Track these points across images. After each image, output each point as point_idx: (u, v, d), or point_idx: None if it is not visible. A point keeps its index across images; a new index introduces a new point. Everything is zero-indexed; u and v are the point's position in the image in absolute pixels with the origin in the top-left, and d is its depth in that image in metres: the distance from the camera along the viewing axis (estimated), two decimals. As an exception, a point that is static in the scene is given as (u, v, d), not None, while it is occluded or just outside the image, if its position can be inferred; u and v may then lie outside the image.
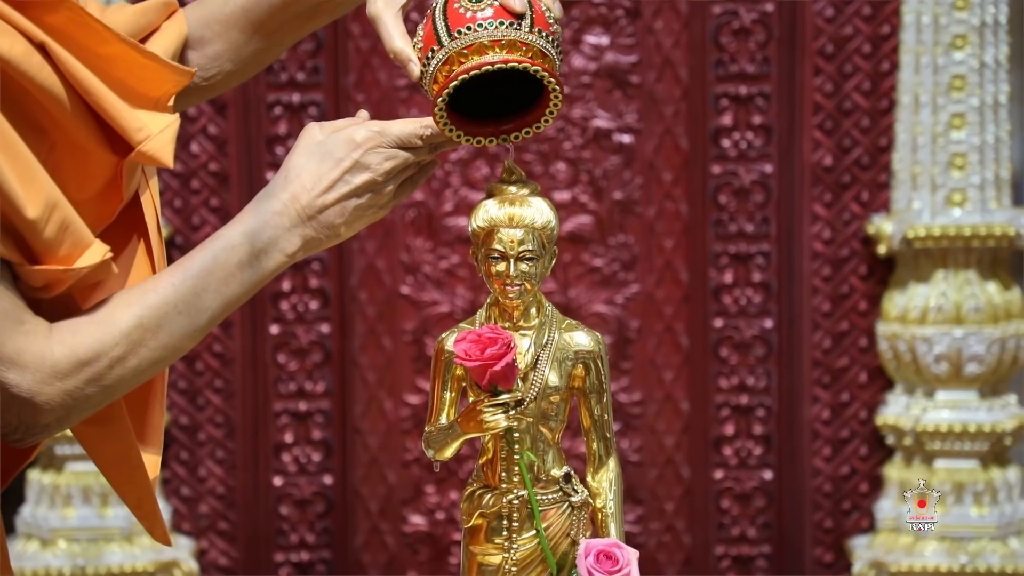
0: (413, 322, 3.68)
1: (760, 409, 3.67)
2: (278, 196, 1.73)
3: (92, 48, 1.70)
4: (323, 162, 1.73)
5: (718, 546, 3.69)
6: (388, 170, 1.75)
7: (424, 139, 1.76)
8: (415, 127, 1.75)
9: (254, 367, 3.68)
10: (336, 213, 1.74)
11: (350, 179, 1.73)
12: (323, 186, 1.73)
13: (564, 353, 2.03)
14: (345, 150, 1.74)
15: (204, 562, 3.68)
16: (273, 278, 1.76)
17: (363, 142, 1.74)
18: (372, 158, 1.74)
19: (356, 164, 1.74)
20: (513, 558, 2.00)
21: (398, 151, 1.75)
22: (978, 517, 3.55)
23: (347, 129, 1.75)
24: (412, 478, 3.70)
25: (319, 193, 1.73)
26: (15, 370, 1.61)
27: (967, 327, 3.52)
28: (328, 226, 1.74)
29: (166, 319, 1.69)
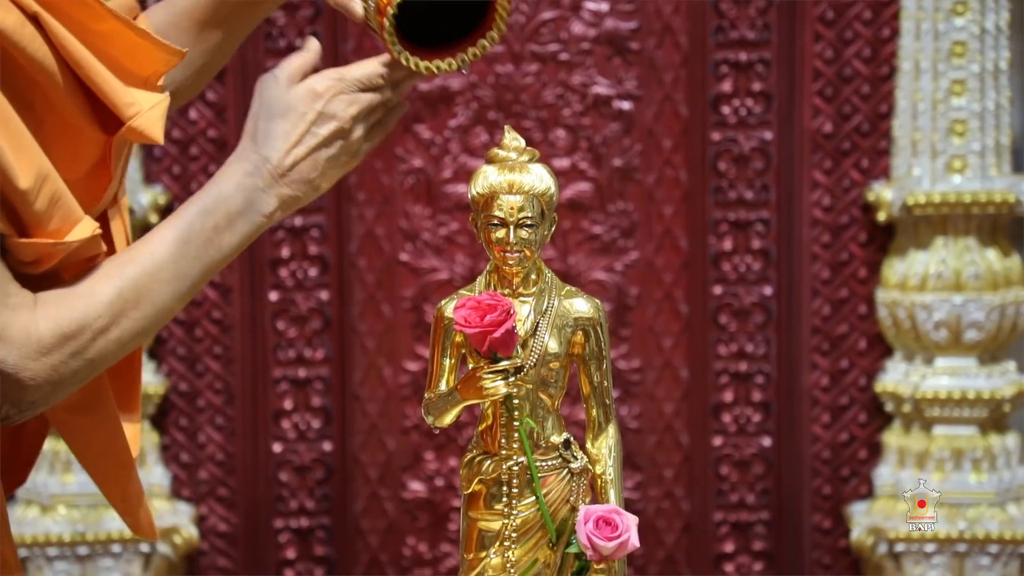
0: (412, 289, 3.68)
1: (759, 376, 3.68)
2: (248, 158, 1.72)
3: (85, 23, 1.69)
4: (287, 118, 1.72)
5: (717, 512, 3.70)
6: (354, 115, 1.73)
7: (385, 77, 1.75)
8: (374, 66, 1.74)
9: (253, 334, 3.68)
10: (309, 167, 1.73)
11: (317, 131, 1.72)
12: (291, 142, 1.72)
13: (564, 320, 2.03)
14: (308, 103, 1.73)
15: (204, 528, 3.69)
16: (254, 239, 1.75)
17: (324, 91, 1.73)
18: (336, 106, 1.73)
19: (320, 115, 1.72)
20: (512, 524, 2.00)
21: (360, 94, 1.74)
22: (977, 484, 3.56)
23: (307, 81, 1.74)
24: (411, 445, 3.70)
25: (288, 149, 1.72)
26: (1, 346, 1.60)
27: (967, 294, 3.52)
28: (303, 181, 1.73)
29: (147, 289, 1.68)
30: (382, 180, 3.67)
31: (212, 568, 3.70)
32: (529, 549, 2.01)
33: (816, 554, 3.69)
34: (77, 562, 3.59)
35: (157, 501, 3.63)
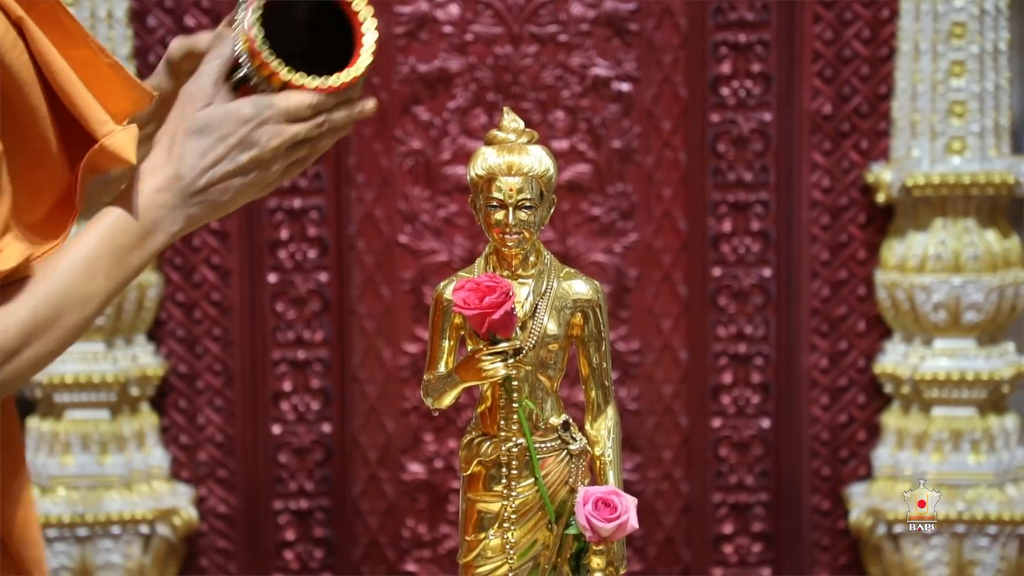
0: (411, 271, 3.68)
1: (758, 358, 3.68)
2: (161, 172, 1.65)
3: (61, 44, 1.66)
4: (206, 137, 1.66)
5: (716, 494, 3.70)
6: (276, 147, 1.67)
7: (312, 107, 1.69)
8: (302, 97, 1.68)
9: (252, 316, 3.68)
10: (220, 191, 1.67)
11: (236, 157, 1.66)
12: (207, 163, 1.66)
13: (563, 301, 2.03)
14: (231, 126, 1.66)
15: (203, 509, 3.70)
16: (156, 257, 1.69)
17: (251, 118, 1.66)
18: (259, 135, 1.67)
19: (243, 141, 1.66)
20: (512, 506, 2.00)
21: (287, 126, 1.68)
22: (975, 465, 3.56)
23: (235, 103, 1.67)
24: (410, 426, 3.70)
25: (203, 170, 1.65)
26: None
27: (966, 275, 3.52)
28: (212, 203, 1.67)
29: (58, 308, 1.63)
30: (381, 162, 3.67)
31: (212, 549, 3.71)
32: (528, 530, 2.02)
33: (815, 535, 3.69)
34: (76, 543, 3.59)
35: (157, 483, 3.63)
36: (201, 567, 3.71)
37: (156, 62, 3.60)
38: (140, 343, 3.66)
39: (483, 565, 2.02)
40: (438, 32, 3.65)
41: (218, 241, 3.63)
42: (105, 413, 3.61)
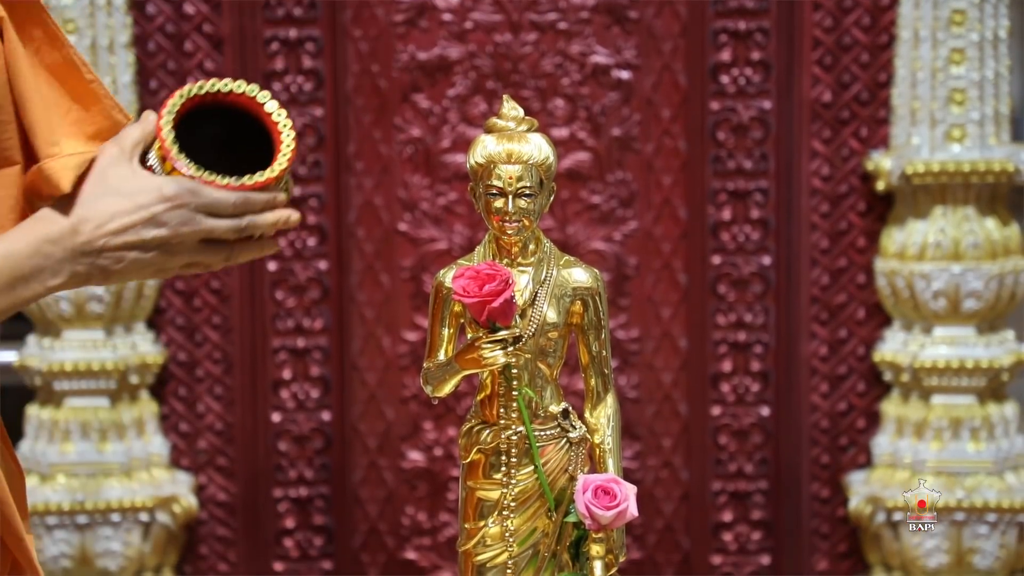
0: (411, 259, 3.68)
1: (758, 346, 3.68)
2: (57, 222, 1.56)
3: (39, 52, 1.63)
4: (120, 201, 1.57)
5: (715, 482, 3.71)
6: (185, 234, 1.57)
7: (235, 205, 1.58)
8: (227, 194, 1.57)
9: (252, 303, 3.68)
10: (114, 259, 1.57)
11: (142, 231, 1.57)
12: (111, 228, 1.56)
13: (562, 289, 2.03)
14: (147, 199, 1.56)
15: (203, 497, 3.70)
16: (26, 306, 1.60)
17: (171, 197, 1.56)
18: (172, 217, 1.57)
19: (154, 218, 1.56)
20: (511, 493, 2.00)
21: (203, 218, 1.57)
22: (975, 452, 3.56)
23: (160, 178, 1.57)
24: (410, 414, 3.71)
25: (104, 234, 1.56)
26: None
27: (965, 263, 3.52)
28: (101, 268, 1.57)
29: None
30: (380, 150, 3.67)
31: (211, 537, 3.71)
32: (528, 518, 2.02)
33: (814, 523, 3.70)
34: (76, 531, 3.59)
35: (156, 470, 3.63)
36: (201, 555, 3.71)
37: (155, 49, 3.60)
38: (140, 331, 3.66)
39: (483, 553, 2.02)
40: (438, 20, 3.65)
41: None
42: (105, 401, 3.62)
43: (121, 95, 3.51)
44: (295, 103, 3.63)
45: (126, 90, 3.53)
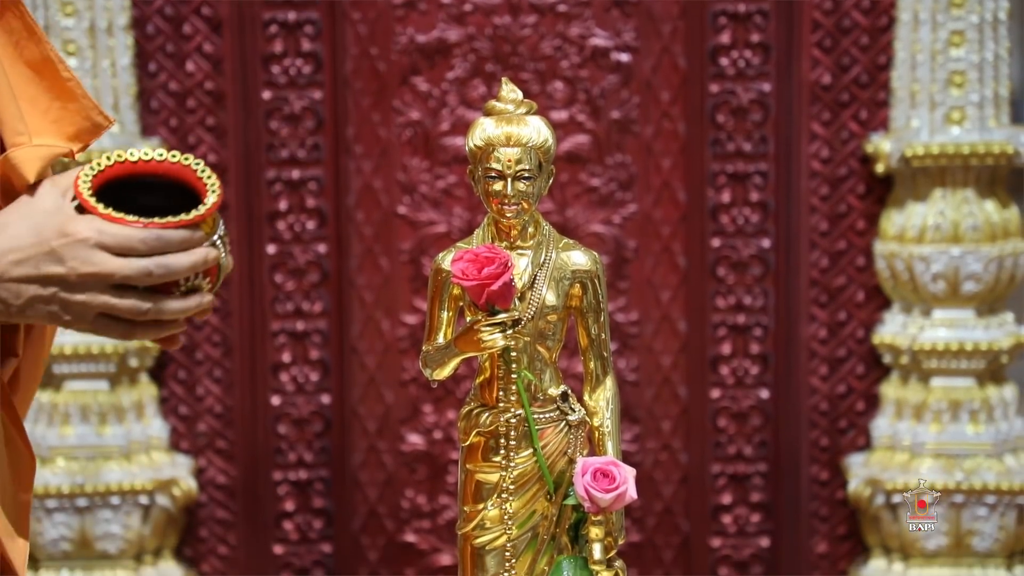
0: (410, 242, 3.68)
1: (757, 328, 3.68)
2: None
3: (16, 47, 1.62)
4: (29, 230, 1.51)
5: (715, 464, 3.71)
6: (83, 273, 1.49)
7: (144, 242, 1.49)
8: (132, 230, 1.49)
9: (251, 287, 3.67)
10: (12, 292, 1.51)
11: (40, 264, 1.50)
12: (12, 258, 1.51)
13: (561, 272, 2.03)
14: (52, 232, 1.50)
15: (202, 480, 3.70)
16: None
17: (72, 232, 1.49)
18: (73, 252, 1.50)
19: (52, 252, 1.50)
20: (510, 476, 2.00)
21: (105, 256, 1.49)
22: (974, 435, 3.56)
23: (70, 217, 1.51)
24: (409, 397, 3.71)
25: (4, 263, 1.51)
26: None
27: (965, 246, 3.51)
28: (2, 300, 1.52)
29: None
30: (379, 133, 3.66)
31: (211, 520, 3.71)
32: (527, 501, 2.02)
33: (813, 505, 3.70)
34: (76, 514, 3.60)
35: (156, 453, 3.64)
36: (201, 537, 3.71)
37: (154, 32, 3.59)
38: (139, 314, 3.65)
39: (482, 535, 2.03)
40: (436, 2, 3.64)
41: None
42: (104, 384, 3.62)
43: (120, 77, 3.51)
44: (294, 86, 3.62)
45: (125, 72, 3.52)
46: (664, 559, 3.71)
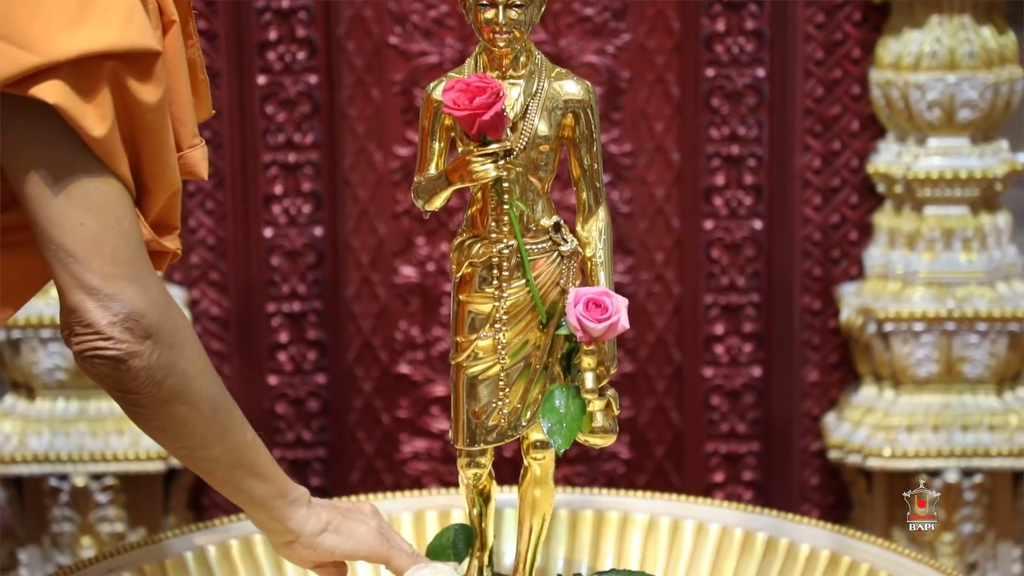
0: (402, 73, 3.65)
1: (751, 159, 3.66)
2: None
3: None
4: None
5: (707, 295, 3.72)
6: None
7: None
8: None
9: (242, 118, 3.65)
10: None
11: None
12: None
13: (554, 102, 2.01)
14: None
15: (196, 312, 3.71)
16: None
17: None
18: None
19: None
20: (503, 307, 2.01)
21: None
22: (967, 263, 3.57)
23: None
24: (402, 230, 3.71)
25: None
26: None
27: (960, 73, 3.49)
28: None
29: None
30: (369, -39, 3.61)
31: (206, 351, 3.73)
32: (519, 331, 2.03)
33: (806, 335, 3.72)
34: (72, 347, 3.61)
35: (150, 287, 3.64)
36: (196, 370, 3.73)
37: None
38: (129, 147, 3.64)
39: (475, 365, 2.04)
40: None
41: (206, 42, 3.59)
42: (96, 217, 3.61)
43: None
44: (281, -87, 3.57)
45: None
46: (656, 389, 3.74)
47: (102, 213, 1.70)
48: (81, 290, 1.71)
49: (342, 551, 2.04)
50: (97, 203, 1.70)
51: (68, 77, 1.64)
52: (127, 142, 1.73)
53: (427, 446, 3.75)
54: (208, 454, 1.89)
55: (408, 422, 3.75)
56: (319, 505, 2.03)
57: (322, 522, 2.01)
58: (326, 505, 2.04)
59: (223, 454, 1.89)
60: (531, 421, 2.06)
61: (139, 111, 1.72)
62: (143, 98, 1.71)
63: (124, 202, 1.73)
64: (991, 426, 3.54)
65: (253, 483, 1.94)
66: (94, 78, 1.66)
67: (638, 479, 3.73)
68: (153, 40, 1.70)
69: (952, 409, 3.57)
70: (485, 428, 2.06)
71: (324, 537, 2.01)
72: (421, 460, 3.75)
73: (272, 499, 1.96)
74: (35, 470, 3.55)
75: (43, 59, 1.62)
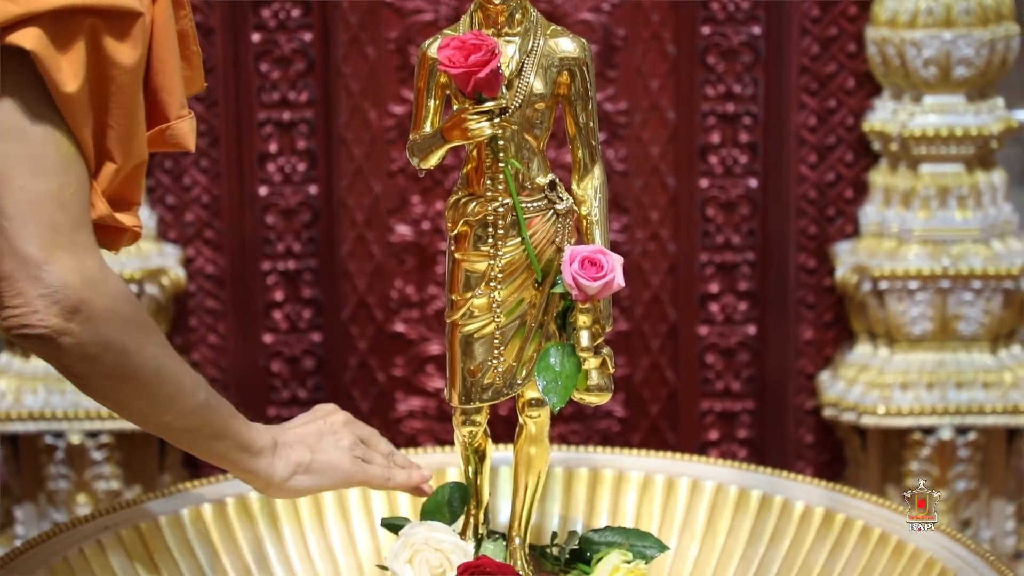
0: (397, 30, 3.64)
1: (746, 117, 3.66)
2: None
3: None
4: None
5: (702, 254, 3.72)
6: None
7: None
8: None
9: (236, 75, 3.64)
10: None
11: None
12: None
13: (549, 60, 2.01)
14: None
15: (191, 270, 3.71)
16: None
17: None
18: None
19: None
20: (498, 265, 2.01)
21: None
22: (962, 220, 3.57)
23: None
24: (397, 188, 3.70)
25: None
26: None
27: (957, 30, 3.48)
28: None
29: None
30: (364, -83, 3.60)
31: (201, 309, 3.73)
32: (515, 289, 2.03)
33: (800, 293, 3.72)
34: (67, 305, 3.60)
35: (144, 243, 3.63)
36: (191, 326, 3.74)
37: None
38: (123, 105, 3.63)
39: (470, 323, 2.04)
40: None
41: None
42: (90, 175, 3.60)
43: None
44: None
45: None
46: (651, 347, 3.75)
47: (47, 178, 1.67)
48: (13, 257, 1.66)
49: (318, 488, 2.07)
50: (45, 167, 1.66)
51: (47, 27, 1.62)
52: (95, 107, 1.70)
53: (422, 404, 3.75)
54: (159, 420, 1.88)
55: (403, 380, 3.75)
56: (287, 446, 2.03)
57: (291, 465, 2.02)
58: (295, 443, 2.04)
59: (174, 419, 1.88)
60: (526, 379, 2.07)
61: (114, 71, 1.69)
62: (119, 58, 1.69)
63: (74, 169, 1.70)
64: (985, 383, 3.55)
65: (210, 443, 1.95)
66: (72, 31, 1.64)
67: (633, 437, 3.74)
68: (135, 0, 1.69)
69: (946, 367, 3.58)
70: (480, 386, 2.06)
71: (296, 480, 2.02)
72: (416, 418, 3.75)
73: (233, 453, 1.96)
74: (31, 428, 3.56)
75: (24, 10, 1.61)
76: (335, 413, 2.14)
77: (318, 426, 2.11)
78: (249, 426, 1.99)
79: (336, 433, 2.10)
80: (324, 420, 2.12)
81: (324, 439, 2.08)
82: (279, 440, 2.03)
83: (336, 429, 2.11)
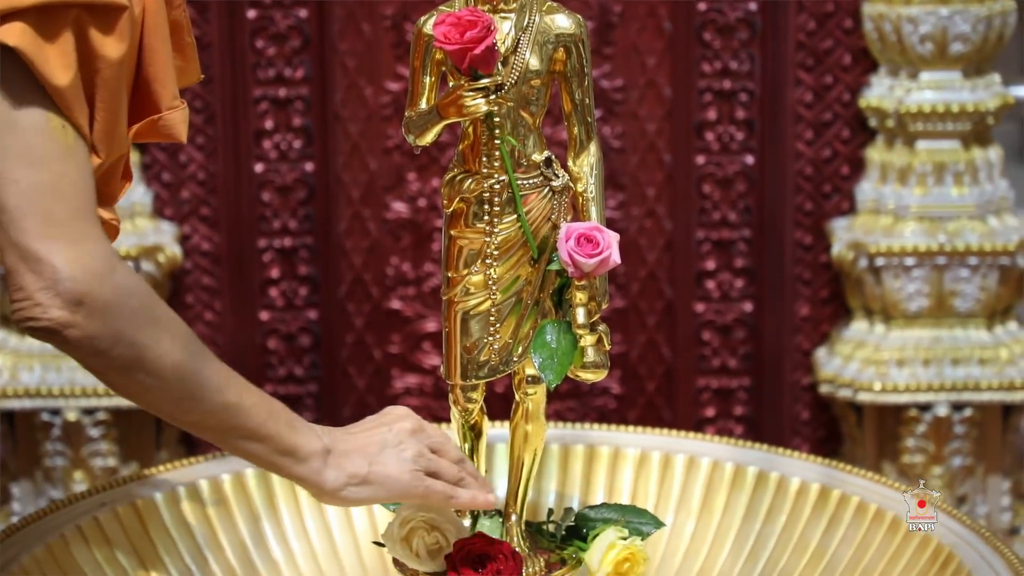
0: (392, 7, 3.63)
1: (743, 93, 3.65)
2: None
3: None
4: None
5: (698, 231, 3.72)
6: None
7: None
8: None
9: (232, 52, 3.63)
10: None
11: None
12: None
13: (545, 36, 2.00)
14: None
15: (187, 247, 3.71)
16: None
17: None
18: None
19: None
20: (494, 242, 2.01)
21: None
22: (958, 197, 3.57)
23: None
24: (394, 165, 3.70)
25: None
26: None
27: (953, 6, 3.47)
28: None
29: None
30: None
31: (197, 287, 3.73)
32: (511, 266, 2.03)
33: (797, 270, 3.72)
34: (63, 283, 3.60)
35: (140, 220, 3.63)
36: (187, 304, 3.73)
37: None
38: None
39: (466, 300, 2.04)
40: None
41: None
42: (86, 153, 3.59)
43: None
44: None
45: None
46: (647, 324, 3.75)
47: (42, 169, 1.64)
48: (14, 250, 1.64)
49: (374, 500, 1.94)
50: (39, 158, 1.64)
51: (32, 21, 1.61)
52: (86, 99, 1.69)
53: (419, 381, 3.75)
54: (186, 419, 1.81)
55: (400, 357, 3.75)
56: (343, 455, 1.90)
57: (344, 475, 1.90)
58: (352, 452, 1.91)
59: (202, 418, 1.80)
60: (522, 356, 2.06)
61: (99, 65, 1.67)
62: (105, 52, 1.67)
63: (73, 159, 1.68)
64: (981, 360, 3.55)
65: (246, 444, 1.84)
66: (58, 24, 1.62)
67: (629, 414, 3.75)
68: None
69: (943, 343, 3.58)
70: (476, 363, 2.06)
71: (349, 491, 1.90)
72: (413, 395, 3.75)
73: (273, 456, 1.86)
74: (27, 404, 3.56)
75: (7, 4, 1.60)
76: (404, 420, 2.00)
77: (381, 434, 1.96)
78: (295, 430, 1.87)
79: (400, 444, 1.95)
80: (390, 427, 1.98)
81: (385, 451, 1.94)
82: (334, 448, 1.90)
83: (401, 439, 1.96)
